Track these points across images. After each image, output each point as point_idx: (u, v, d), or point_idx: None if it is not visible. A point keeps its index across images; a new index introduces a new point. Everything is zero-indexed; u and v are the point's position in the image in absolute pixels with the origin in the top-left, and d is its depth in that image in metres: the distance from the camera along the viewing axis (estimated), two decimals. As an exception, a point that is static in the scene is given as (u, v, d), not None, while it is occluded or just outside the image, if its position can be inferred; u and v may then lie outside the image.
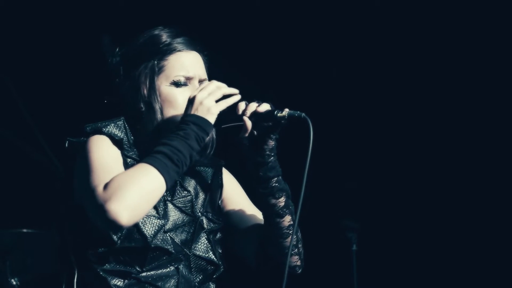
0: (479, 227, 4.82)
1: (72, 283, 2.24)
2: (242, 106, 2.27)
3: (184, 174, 2.38)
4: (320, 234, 4.62)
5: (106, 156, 2.19)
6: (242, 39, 4.87)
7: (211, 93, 2.23)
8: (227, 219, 2.44)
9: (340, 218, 4.70)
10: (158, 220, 2.26)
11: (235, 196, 2.47)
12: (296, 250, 2.36)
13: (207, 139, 2.25)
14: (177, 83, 2.33)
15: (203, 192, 2.41)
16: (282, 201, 2.33)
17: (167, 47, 2.35)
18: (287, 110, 2.23)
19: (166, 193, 2.31)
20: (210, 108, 2.21)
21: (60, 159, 3.70)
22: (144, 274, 2.24)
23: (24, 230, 3.89)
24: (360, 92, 5.05)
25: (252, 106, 2.26)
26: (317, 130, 2.21)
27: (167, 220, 2.29)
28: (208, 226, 2.37)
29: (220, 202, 2.45)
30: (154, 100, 2.31)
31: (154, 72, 2.32)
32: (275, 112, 2.24)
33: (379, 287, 4.87)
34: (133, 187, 2.06)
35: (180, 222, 2.32)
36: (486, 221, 4.81)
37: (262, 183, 2.31)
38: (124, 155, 2.27)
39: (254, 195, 2.39)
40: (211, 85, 2.25)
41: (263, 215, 2.38)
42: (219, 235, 2.40)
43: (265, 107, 2.26)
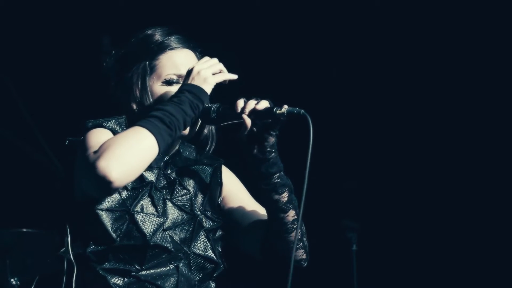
0: (479, 227, 4.82)
1: (72, 282, 2.24)
2: (241, 103, 2.26)
3: (183, 173, 2.39)
4: (320, 234, 4.61)
5: (102, 138, 2.17)
6: (243, 38, 4.87)
7: (209, 65, 2.25)
8: (230, 216, 2.44)
9: (340, 218, 4.71)
10: (157, 218, 2.26)
11: (237, 193, 2.47)
12: (301, 244, 2.36)
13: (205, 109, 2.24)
14: (168, 82, 2.33)
15: (202, 190, 2.41)
16: (285, 196, 2.32)
17: (158, 47, 2.35)
18: (286, 106, 2.22)
19: (165, 191, 2.32)
20: (206, 78, 2.22)
21: (60, 159, 3.70)
22: (144, 272, 2.24)
23: (24, 230, 3.89)
24: (360, 92, 5.05)
25: (251, 104, 2.25)
26: (316, 130, 2.20)
27: (166, 219, 2.29)
28: (208, 225, 2.37)
29: (220, 200, 2.44)
30: (146, 100, 2.31)
31: (146, 72, 2.32)
32: (274, 109, 2.22)
33: (379, 287, 4.87)
34: (122, 145, 2.05)
35: (179, 221, 2.31)
36: (486, 221, 4.81)
37: (264, 179, 2.30)
38: None
39: (256, 191, 2.38)
40: (211, 60, 2.27)
41: (266, 210, 2.37)
42: (218, 234, 2.40)
43: (264, 104, 2.25)
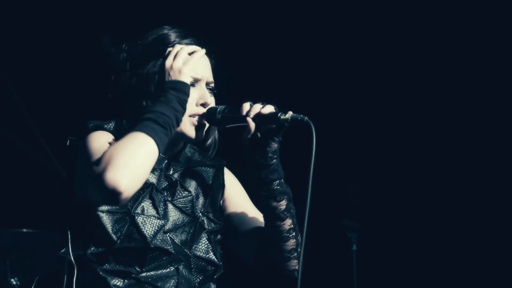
0: (479, 227, 4.82)
1: (72, 283, 2.23)
2: (246, 106, 2.27)
3: (185, 174, 2.38)
4: (320, 234, 4.61)
5: (104, 144, 2.18)
6: (241, 39, 4.86)
7: (175, 56, 2.27)
8: (228, 220, 2.43)
9: (340, 218, 4.71)
10: (158, 221, 2.26)
11: (237, 197, 2.47)
12: (295, 254, 2.35)
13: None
14: None
15: (204, 192, 2.40)
16: (283, 204, 2.32)
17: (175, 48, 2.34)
18: (291, 113, 2.23)
19: (166, 193, 2.32)
20: (180, 69, 2.25)
21: (60, 159, 3.69)
22: (144, 274, 2.24)
23: (24, 230, 3.88)
24: (360, 92, 5.05)
25: (257, 108, 2.26)
26: (318, 132, 2.21)
27: (167, 221, 2.28)
28: (209, 227, 2.37)
29: (221, 202, 2.44)
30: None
31: (163, 71, 2.31)
32: (279, 115, 2.24)
33: (379, 287, 4.87)
34: (125, 153, 2.05)
35: (180, 223, 2.31)
36: (486, 221, 4.81)
37: (264, 185, 2.30)
38: None
39: (255, 197, 2.38)
40: (172, 51, 2.29)
41: (263, 217, 2.37)
42: (220, 236, 2.40)
43: (269, 109, 2.26)
